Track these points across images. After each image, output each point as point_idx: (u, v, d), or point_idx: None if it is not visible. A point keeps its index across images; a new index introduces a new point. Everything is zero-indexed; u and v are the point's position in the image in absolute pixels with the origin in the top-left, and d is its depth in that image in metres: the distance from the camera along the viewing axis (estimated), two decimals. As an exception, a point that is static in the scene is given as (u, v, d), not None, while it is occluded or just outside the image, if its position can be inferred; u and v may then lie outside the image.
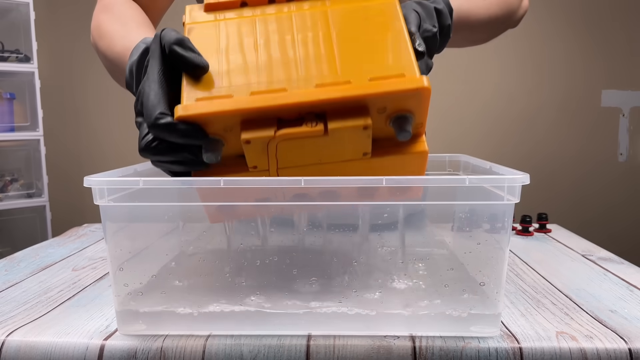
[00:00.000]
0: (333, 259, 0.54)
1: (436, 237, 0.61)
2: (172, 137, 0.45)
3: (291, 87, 0.47)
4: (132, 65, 0.51)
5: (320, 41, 0.50)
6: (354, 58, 0.49)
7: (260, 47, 0.50)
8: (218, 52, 0.50)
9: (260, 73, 0.48)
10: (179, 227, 0.64)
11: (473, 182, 0.46)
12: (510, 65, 2.33)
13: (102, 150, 2.45)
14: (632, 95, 2.33)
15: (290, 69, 0.48)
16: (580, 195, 2.37)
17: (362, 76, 0.47)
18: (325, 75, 0.48)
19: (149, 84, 0.46)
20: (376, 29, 0.51)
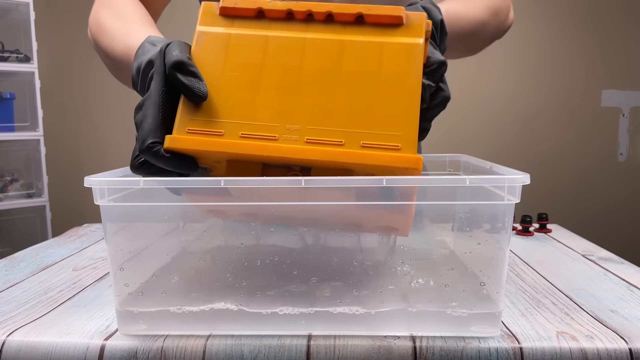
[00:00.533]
0: (333, 259, 0.54)
1: (436, 237, 0.61)
2: (161, 164, 0.46)
3: (283, 134, 0.46)
4: (139, 66, 0.50)
5: (326, 78, 0.47)
6: (355, 106, 0.46)
7: (264, 73, 0.48)
8: (221, 71, 0.48)
9: (257, 108, 0.47)
10: (179, 227, 0.64)
11: (473, 182, 0.46)
12: (510, 65, 2.33)
13: (102, 150, 2.45)
14: (632, 95, 2.33)
15: (288, 108, 0.47)
16: (581, 195, 2.37)
17: (356, 137, 0.45)
18: (320, 126, 0.46)
19: (148, 106, 0.46)
20: (390, 75, 0.47)
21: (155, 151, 0.45)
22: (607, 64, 2.33)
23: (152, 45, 0.51)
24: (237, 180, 0.46)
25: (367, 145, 0.45)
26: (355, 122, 0.46)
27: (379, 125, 0.46)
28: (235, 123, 0.47)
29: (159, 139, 0.45)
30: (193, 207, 0.55)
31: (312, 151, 0.45)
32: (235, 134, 0.46)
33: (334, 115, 0.46)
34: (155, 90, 0.46)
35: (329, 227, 0.51)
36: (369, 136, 0.46)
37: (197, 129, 0.46)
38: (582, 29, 2.32)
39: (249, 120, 0.47)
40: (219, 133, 0.46)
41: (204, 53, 0.49)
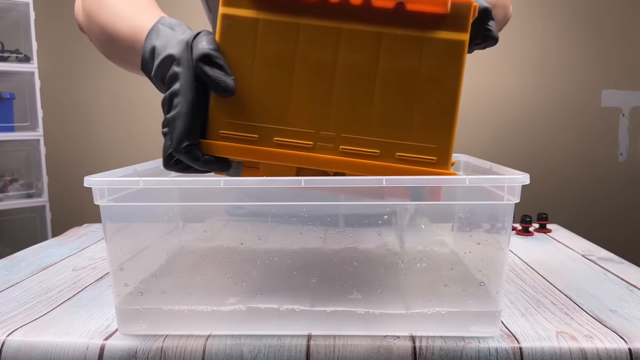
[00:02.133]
0: (333, 259, 0.54)
1: (436, 237, 0.61)
2: (196, 165, 0.46)
3: (318, 141, 0.45)
4: (157, 53, 0.47)
5: (362, 78, 0.45)
6: (392, 112, 0.45)
7: (297, 69, 0.45)
8: (251, 64, 0.46)
9: (290, 110, 0.45)
10: (179, 227, 0.64)
11: (473, 182, 0.46)
12: (510, 65, 2.33)
13: (102, 150, 2.45)
14: (632, 95, 2.33)
15: (322, 111, 0.45)
16: (580, 195, 2.37)
17: (392, 148, 0.45)
18: (356, 134, 0.45)
19: (181, 104, 0.45)
20: (429, 77, 0.44)
21: (192, 154, 0.45)
22: (607, 64, 2.33)
23: (170, 29, 0.49)
24: (237, 181, 0.46)
25: (402, 158, 0.45)
26: (391, 131, 0.45)
27: (415, 136, 0.45)
28: (269, 127, 0.46)
29: (194, 140, 0.45)
30: (193, 208, 0.55)
31: (348, 163, 0.45)
32: (269, 139, 0.46)
33: (369, 122, 0.45)
34: (186, 86, 0.45)
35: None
36: (405, 147, 0.45)
37: (231, 133, 0.46)
38: (582, 29, 2.32)
39: (283, 124, 0.46)
40: (252, 138, 0.46)
41: (231, 42, 0.46)
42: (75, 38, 2.38)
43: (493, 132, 2.36)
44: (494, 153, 2.34)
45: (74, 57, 2.41)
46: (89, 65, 2.40)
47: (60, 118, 2.43)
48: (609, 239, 1.65)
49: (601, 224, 2.34)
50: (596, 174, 2.36)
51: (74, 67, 2.42)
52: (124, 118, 2.42)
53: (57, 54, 2.41)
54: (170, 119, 0.45)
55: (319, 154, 0.45)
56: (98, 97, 2.43)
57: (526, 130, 2.36)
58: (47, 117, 2.24)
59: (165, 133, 0.46)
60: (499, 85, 2.34)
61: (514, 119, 2.35)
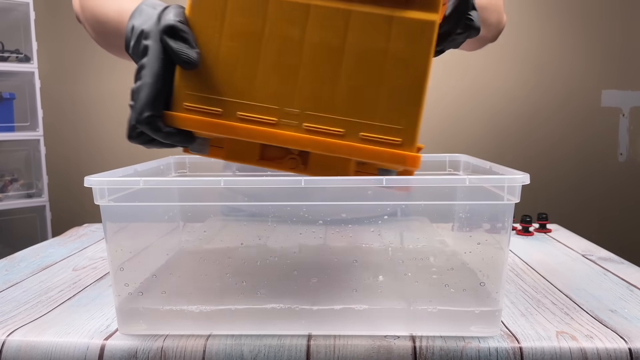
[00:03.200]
0: (333, 258, 0.54)
1: (436, 237, 0.61)
2: (158, 137, 0.46)
3: (282, 118, 0.45)
4: (136, 29, 0.48)
5: (329, 56, 0.44)
6: (358, 91, 0.44)
7: (264, 45, 0.45)
8: (218, 37, 0.45)
9: (256, 85, 0.45)
10: (179, 227, 0.64)
11: (473, 182, 0.46)
12: (511, 65, 2.33)
13: (102, 150, 2.45)
14: (632, 95, 2.33)
15: (288, 88, 0.45)
16: (580, 195, 2.37)
17: (356, 127, 0.44)
18: (320, 112, 0.45)
19: (146, 75, 0.45)
20: (397, 57, 0.43)
21: (154, 125, 0.45)
22: (607, 64, 2.33)
23: (152, 8, 0.49)
24: (236, 180, 0.46)
25: (367, 138, 0.44)
26: (357, 110, 0.44)
27: (381, 116, 0.44)
28: (234, 101, 0.45)
29: (157, 111, 0.45)
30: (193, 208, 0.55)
31: (311, 141, 0.45)
32: (233, 114, 0.45)
33: (335, 101, 0.44)
34: (152, 58, 0.45)
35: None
36: (370, 127, 0.44)
37: (195, 106, 0.46)
38: (582, 28, 2.32)
39: (248, 99, 0.45)
40: (216, 112, 0.46)
41: (200, 15, 0.46)
42: (75, 38, 2.38)
43: (493, 132, 2.36)
44: (494, 153, 2.34)
45: (74, 57, 2.41)
46: (89, 65, 2.40)
47: (60, 118, 2.43)
48: (609, 239, 1.65)
49: (601, 224, 2.34)
50: (596, 174, 2.36)
51: (74, 67, 2.42)
52: (124, 118, 2.41)
53: (57, 54, 2.41)
54: (135, 89, 0.45)
55: (283, 130, 0.45)
56: (98, 97, 2.43)
57: (526, 130, 2.36)
58: (47, 117, 2.24)
59: (130, 105, 0.46)
60: (499, 85, 2.34)
61: (514, 119, 2.35)
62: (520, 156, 2.35)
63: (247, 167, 0.71)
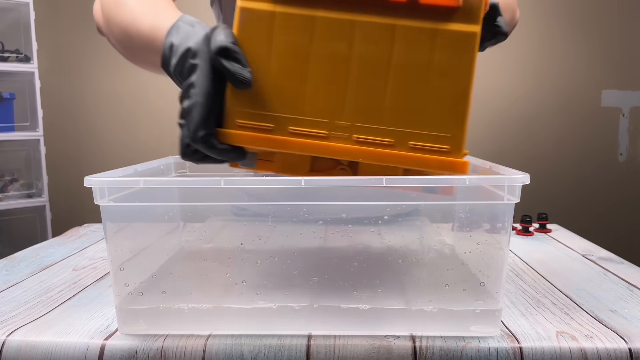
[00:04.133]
0: (333, 258, 0.54)
1: (436, 237, 0.61)
2: (213, 154, 0.47)
3: (332, 130, 0.46)
4: (176, 47, 0.48)
5: (375, 70, 0.45)
6: (405, 102, 0.45)
7: (312, 62, 0.46)
8: (267, 56, 0.46)
9: (306, 100, 0.46)
10: (179, 227, 0.64)
11: (473, 182, 0.46)
12: (511, 65, 2.33)
13: (102, 150, 2.45)
14: (632, 95, 2.33)
15: (337, 102, 0.46)
16: (581, 195, 2.37)
17: (405, 137, 0.45)
18: (369, 123, 0.46)
19: (197, 94, 0.46)
20: (442, 68, 0.45)
21: (209, 143, 0.46)
22: (607, 64, 2.33)
23: (190, 26, 0.49)
24: (235, 180, 0.46)
25: (416, 147, 0.45)
26: (405, 120, 0.46)
27: (428, 125, 0.45)
28: (285, 117, 0.46)
29: (210, 129, 0.46)
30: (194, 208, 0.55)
31: (362, 152, 0.46)
32: (285, 129, 0.46)
33: (383, 112, 0.46)
34: (203, 78, 0.46)
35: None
36: (418, 136, 0.45)
37: (247, 123, 0.47)
38: (582, 29, 2.32)
39: (298, 114, 0.46)
40: (268, 127, 0.47)
41: (248, 35, 0.47)
42: (76, 38, 2.38)
43: (493, 132, 2.36)
44: (494, 153, 2.34)
45: (74, 57, 2.41)
46: (89, 65, 2.40)
47: (60, 118, 2.43)
48: (609, 239, 1.65)
49: (601, 224, 2.34)
50: (596, 174, 2.36)
51: (74, 67, 2.42)
52: (124, 118, 2.42)
53: (57, 54, 2.41)
54: (186, 109, 0.46)
55: (334, 142, 0.46)
56: (98, 97, 2.43)
57: (526, 130, 2.36)
58: (47, 117, 2.24)
59: (181, 124, 0.47)
60: (499, 86, 2.34)
61: (515, 119, 2.35)
62: (520, 156, 2.35)
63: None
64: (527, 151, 2.35)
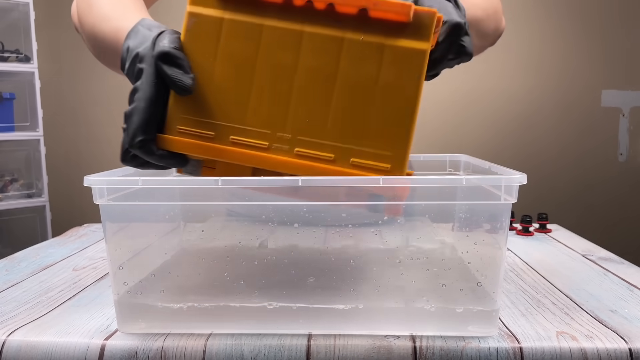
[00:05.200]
0: (331, 258, 0.54)
1: (436, 237, 0.61)
2: (152, 160, 0.46)
3: (273, 142, 0.46)
4: (131, 51, 0.48)
5: (321, 83, 0.45)
6: (349, 117, 0.45)
7: (258, 71, 0.46)
8: (212, 63, 0.46)
9: (249, 110, 0.46)
10: (178, 227, 0.64)
11: (470, 182, 0.46)
12: (510, 65, 2.33)
13: (102, 150, 2.45)
14: (632, 95, 2.33)
15: (280, 113, 0.46)
16: (581, 195, 2.37)
17: (347, 153, 0.45)
18: (311, 137, 0.45)
19: (139, 99, 0.45)
20: (388, 84, 0.44)
21: (147, 148, 0.45)
22: (607, 64, 2.33)
23: (148, 30, 0.49)
24: (234, 180, 0.46)
25: (357, 164, 0.45)
26: (347, 136, 0.45)
27: (371, 142, 0.45)
28: (226, 125, 0.46)
29: (149, 135, 0.45)
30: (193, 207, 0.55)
31: (302, 166, 0.45)
32: (226, 138, 0.46)
33: (326, 126, 0.45)
34: (146, 83, 0.45)
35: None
36: (360, 153, 0.45)
37: (188, 129, 0.46)
38: (582, 29, 2.32)
39: (240, 123, 0.46)
40: (209, 135, 0.46)
41: (195, 40, 0.46)
42: (76, 38, 2.38)
43: (493, 132, 2.36)
44: (494, 153, 2.34)
45: (74, 57, 2.41)
46: (89, 65, 2.40)
47: (60, 118, 2.43)
48: (609, 238, 1.65)
49: (601, 224, 2.34)
50: (596, 174, 2.36)
51: (74, 67, 2.42)
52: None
53: (57, 54, 2.41)
54: (127, 114, 0.46)
55: (274, 154, 0.45)
56: (98, 97, 2.43)
57: (526, 130, 2.36)
58: (47, 117, 2.24)
59: (123, 129, 0.46)
60: (499, 86, 2.34)
61: (514, 119, 2.35)
62: (520, 156, 2.35)
63: None
64: (527, 151, 2.35)
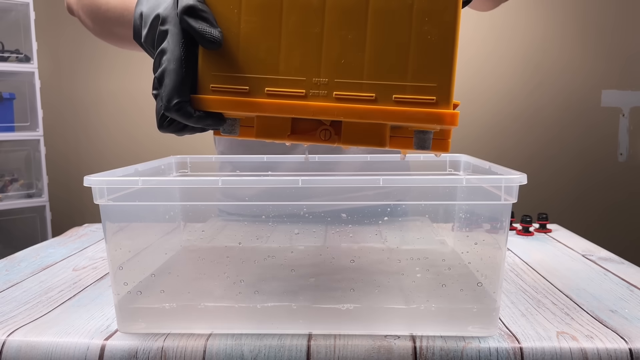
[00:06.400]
0: (331, 258, 0.54)
1: (436, 237, 0.61)
2: (190, 122, 0.45)
3: (310, 89, 0.43)
4: (146, 15, 0.46)
5: (352, 20, 0.43)
6: (386, 53, 0.42)
7: (284, 13, 0.43)
8: (238, 14, 0.44)
9: (281, 58, 0.44)
10: (179, 227, 0.64)
11: (470, 182, 0.46)
12: (511, 65, 2.33)
13: (102, 150, 2.45)
14: (632, 95, 2.33)
15: (313, 58, 0.43)
16: (581, 195, 2.37)
17: (388, 90, 0.42)
18: (349, 78, 0.43)
19: (169, 61, 0.44)
20: (424, 11, 0.42)
21: (184, 111, 0.44)
22: (607, 64, 2.33)
23: None
24: (234, 180, 0.46)
25: (400, 100, 0.42)
26: (386, 72, 0.42)
27: (412, 76, 0.42)
28: (260, 78, 0.44)
29: (184, 97, 0.44)
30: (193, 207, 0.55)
31: (343, 109, 0.43)
32: (261, 90, 0.44)
33: (363, 66, 0.43)
34: (173, 44, 0.44)
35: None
36: (402, 88, 0.42)
37: (222, 86, 0.45)
38: (582, 28, 2.32)
39: (274, 73, 0.44)
40: (244, 90, 0.44)
41: None
42: (75, 38, 2.38)
43: (493, 132, 2.36)
44: (494, 153, 2.34)
45: (74, 57, 2.41)
46: (89, 65, 2.40)
47: (60, 118, 2.43)
48: (609, 239, 1.65)
49: (601, 224, 2.34)
50: (596, 174, 2.36)
51: (74, 67, 2.42)
52: (124, 118, 2.42)
53: (57, 54, 2.41)
54: (159, 78, 0.44)
55: (313, 101, 0.44)
56: (98, 97, 2.43)
57: (526, 130, 2.36)
58: (47, 117, 2.24)
59: (155, 95, 0.45)
60: (499, 86, 2.34)
61: (515, 119, 2.35)
62: (520, 156, 2.35)
63: (247, 166, 0.71)
64: (527, 151, 2.35)
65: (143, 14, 0.47)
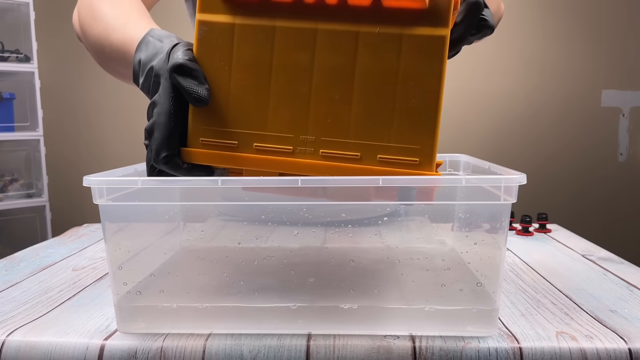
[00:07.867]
0: (331, 258, 0.54)
1: (436, 237, 0.61)
2: (178, 173, 0.46)
3: (298, 146, 0.45)
4: (144, 63, 0.48)
5: (340, 80, 0.44)
6: (372, 113, 0.44)
7: (274, 74, 0.45)
8: (228, 71, 0.45)
9: (269, 115, 0.45)
10: (178, 227, 0.64)
11: (470, 182, 0.46)
12: (511, 65, 2.33)
13: (102, 150, 2.45)
14: (632, 95, 2.33)
15: (301, 115, 0.45)
16: (580, 195, 2.37)
17: (373, 150, 0.44)
18: (336, 137, 0.44)
19: (159, 114, 0.45)
20: (409, 75, 0.43)
21: (173, 163, 0.45)
22: (607, 64, 2.33)
23: (158, 41, 0.49)
24: (234, 180, 0.46)
25: (384, 160, 0.44)
26: (372, 132, 0.44)
27: (396, 136, 0.43)
28: (249, 133, 0.45)
29: (173, 150, 0.45)
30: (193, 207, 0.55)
31: (329, 167, 0.44)
32: (250, 145, 0.45)
33: (349, 124, 0.44)
34: (164, 97, 0.45)
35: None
36: (386, 149, 0.44)
37: (211, 140, 0.46)
38: (582, 28, 2.32)
39: (262, 129, 0.45)
40: (233, 144, 0.45)
41: (208, 49, 0.45)
42: (75, 38, 2.38)
43: (493, 132, 2.36)
44: (494, 153, 2.34)
45: (74, 57, 2.41)
46: (88, 65, 2.40)
47: (60, 118, 2.43)
48: (609, 238, 1.65)
49: (601, 224, 2.34)
50: (596, 174, 2.36)
51: (74, 67, 2.42)
52: (124, 118, 2.42)
53: (57, 54, 2.41)
54: (149, 129, 0.45)
55: (299, 158, 0.45)
56: (98, 97, 2.43)
57: (526, 131, 2.36)
58: (47, 117, 2.24)
59: (146, 145, 0.46)
60: (499, 86, 2.34)
61: (514, 119, 2.35)
62: (520, 156, 2.35)
63: None
64: (527, 151, 2.35)
65: (141, 61, 0.48)
